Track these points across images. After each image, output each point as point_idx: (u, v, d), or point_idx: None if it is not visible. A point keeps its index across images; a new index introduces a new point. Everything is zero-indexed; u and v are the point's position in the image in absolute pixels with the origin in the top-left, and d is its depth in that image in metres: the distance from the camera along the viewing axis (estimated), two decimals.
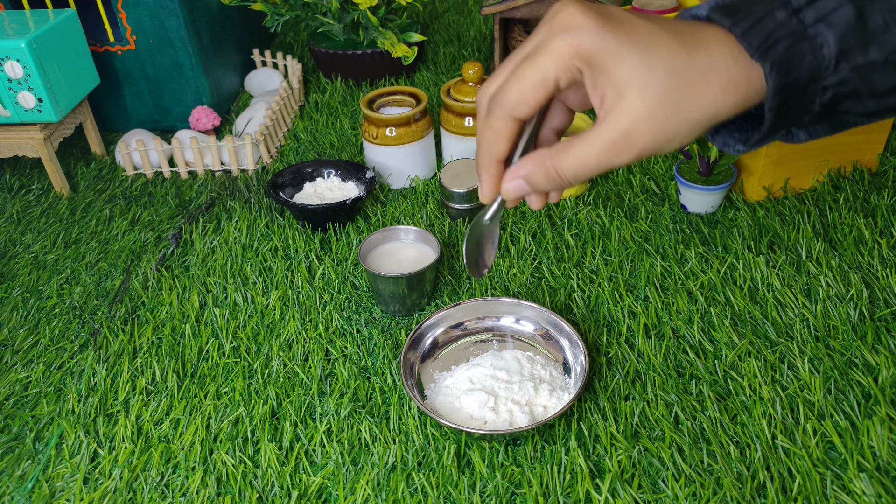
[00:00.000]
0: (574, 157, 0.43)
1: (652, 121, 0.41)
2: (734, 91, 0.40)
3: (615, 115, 0.41)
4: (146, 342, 0.67)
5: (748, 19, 0.40)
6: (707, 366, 0.61)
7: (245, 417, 0.59)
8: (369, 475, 0.54)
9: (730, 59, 0.40)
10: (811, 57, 0.39)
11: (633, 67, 0.40)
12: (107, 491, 0.54)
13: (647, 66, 0.40)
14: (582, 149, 0.42)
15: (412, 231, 0.71)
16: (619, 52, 0.40)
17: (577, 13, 0.41)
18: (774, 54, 0.39)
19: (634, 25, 0.41)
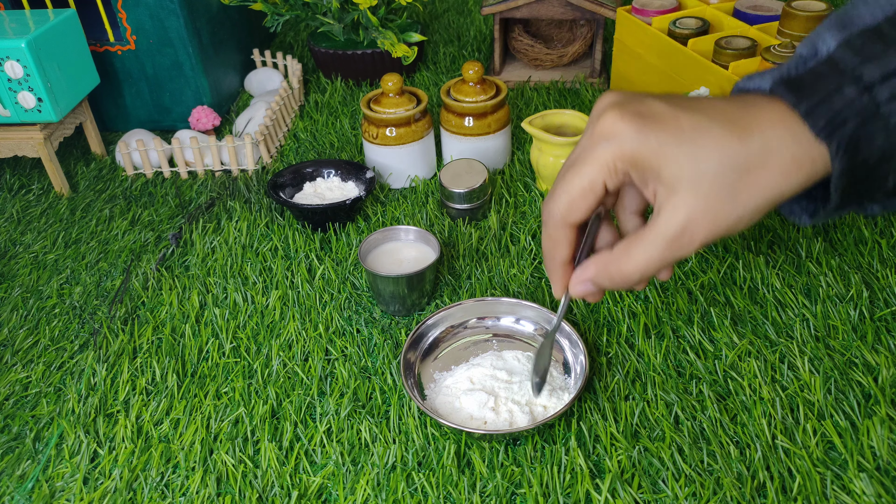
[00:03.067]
0: (638, 259, 0.43)
1: (709, 212, 0.40)
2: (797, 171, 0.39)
3: (670, 210, 0.40)
4: (146, 342, 0.67)
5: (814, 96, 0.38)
6: (707, 366, 0.61)
7: (245, 417, 0.59)
8: (369, 475, 0.54)
9: (789, 140, 0.38)
10: (883, 136, 0.37)
11: (680, 164, 0.39)
12: (107, 491, 0.54)
13: (694, 159, 0.39)
14: (644, 250, 0.42)
15: (412, 231, 0.71)
16: (664, 151, 0.40)
17: (617, 119, 0.41)
18: (842, 134, 0.37)
19: (677, 120, 0.40)
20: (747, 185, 0.39)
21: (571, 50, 1.11)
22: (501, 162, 0.90)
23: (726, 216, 0.40)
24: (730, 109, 0.40)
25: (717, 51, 0.84)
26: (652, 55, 0.94)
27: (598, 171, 0.42)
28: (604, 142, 0.42)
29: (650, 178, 0.41)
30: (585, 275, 0.47)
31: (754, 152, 0.38)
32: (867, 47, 0.37)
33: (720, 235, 0.41)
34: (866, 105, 0.37)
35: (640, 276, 0.44)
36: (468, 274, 0.73)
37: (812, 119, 0.38)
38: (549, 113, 0.84)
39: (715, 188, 0.39)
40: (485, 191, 0.80)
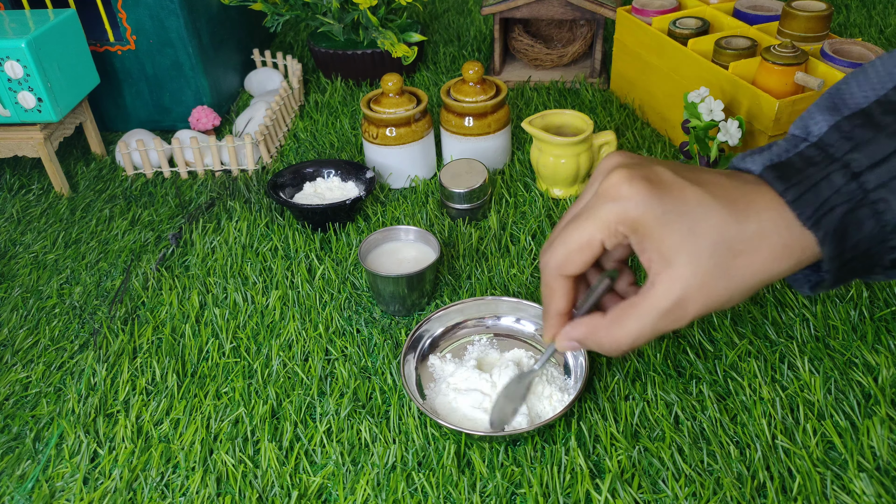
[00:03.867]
0: (630, 329, 0.43)
1: (703, 288, 0.40)
2: (787, 257, 0.39)
3: (666, 283, 0.41)
4: (146, 342, 0.67)
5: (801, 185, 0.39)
6: (707, 366, 0.61)
7: (245, 417, 0.59)
8: (369, 475, 0.54)
9: (782, 227, 0.39)
10: (872, 222, 0.37)
11: (681, 236, 0.40)
12: (107, 491, 0.54)
13: (694, 235, 0.40)
14: (637, 320, 0.43)
15: (412, 231, 0.71)
16: (667, 221, 0.40)
17: (624, 181, 0.41)
18: (829, 222, 0.38)
19: (683, 192, 0.41)
20: (740, 265, 0.40)
21: (571, 50, 1.11)
22: (501, 162, 0.90)
23: (719, 294, 0.41)
24: (730, 188, 0.41)
25: (717, 51, 0.84)
26: (652, 55, 0.94)
27: (599, 229, 0.42)
28: (609, 202, 0.42)
29: (648, 245, 0.41)
30: (574, 333, 0.48)
31: (749, 236, 0.39)
32: (856, 132, 0.38)
33: (711, 310, 0.42)
34: (854, 192, 0.37)
35: (630, 345, 0.44)
36: (468, 274, 0.73)
37: (799, 208, 0.39)
38: (549, 113, 0.84)
39: (710, 266, 0.40)
40: (485, 191, 0.80)
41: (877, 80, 0.39)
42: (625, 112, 1.01)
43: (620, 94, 1.05)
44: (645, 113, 0.99)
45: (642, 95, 0.99)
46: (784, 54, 0.75)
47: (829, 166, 0.38)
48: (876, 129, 0.37)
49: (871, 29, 1.22)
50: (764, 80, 0.77)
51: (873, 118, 0.38)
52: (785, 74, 0.76)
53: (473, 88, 0.85)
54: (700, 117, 0.76)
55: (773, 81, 0.76)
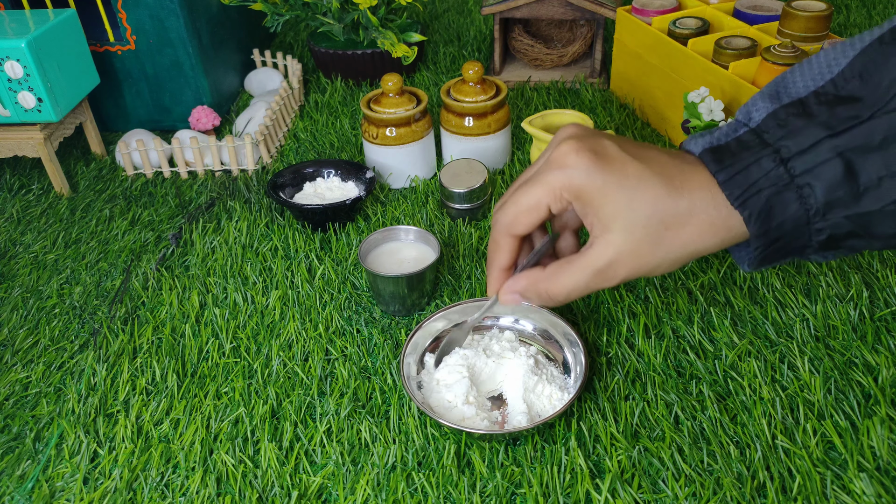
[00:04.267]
0: (565, 282, 0.48)
1: (634, 254, 0.45)
2: (713, 234, 0.43)
3: (601, 246, 0.45)
4: (146, 342, 0.67)
5: (733, 167, 0.42)
6: (707, 366, 0.61)
7: (245, 417, 0.59)
8: (369, 475, 0.54)
9: (711, 205, 0.43)
10: (797, 205, 0.40)
11: (618, 206, 0.44)
12: (107, 491, 0.54)
13: (630, 206, 0.44)
14: (572, 275, 0.48)
15: (412, 231, 0.71)
16: (606, 191, 0.44)
17: (571, 151, 0.46)
18: (755, 203, 0.41)
19: (624, 166, 0.45)
20: (670, 238, 0.44)
21: (571, 50, 1.11)
22: (501, 162, 0.90)
23: (647, 261, 0.45)
24: (670, 165, 0.44)
25: (717, 51, 0.84)
26: (652, 55, 0.94)
27: (545, 194, 0.47)
28: (556, 169, 0.46)
29: (589, 211, 0.45)
30: (515, 286, 0.52)
31: (681, 211, 0.43)
32: (791, 120, 0.41)
33: (639, 275, 0.46)
34: (781, 176, 0.40)
35: (565, 297, 0.49)
36: (468, 274, 0.73)
37: (729, 188, 0.42)
38: (550, 113, 0.84)
39: (642, 234, 0.44)
40: (485, 191, 0.80)
41: (818, 71, 0.42)
42: (625, 112, 1.01)
43: (620, 94, 1.05)
44: (645, 113, 0.99)
45: (642, 95, 0.99)
46: (784, 54, 0.75)
47: (762, 151, 0.41)
48: (808, 118, 0.40)
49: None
50: (764, 80, 0.77)
51: (808, 108, 0.40)
52: None
53: (473, 88, 0.85)
54: (700, 117, 0.76)
55: None
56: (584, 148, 0.45)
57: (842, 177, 0.39)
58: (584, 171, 0.45)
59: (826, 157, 0.39)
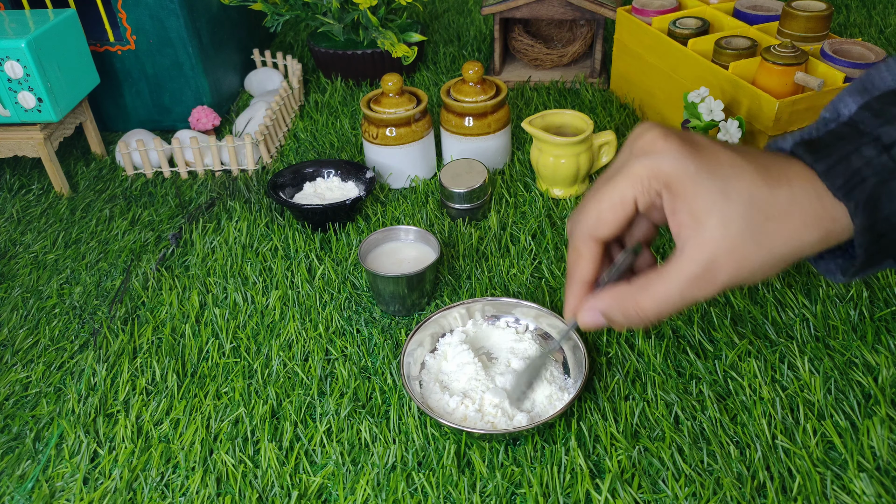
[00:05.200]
0: (656, 295, 0.42)
1: (734, 253, 0.39)
2: (817, 227, 0.39)
3: (695, 247, 0.40)
4: (146, 342, 0.67)
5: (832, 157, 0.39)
6: (707, 366, 0.61)
7: (245, 417, 0.59)
8: (369, 475, 0.54)
9: (812, 196, 0.39)
10: None
11: (713, 196, 0.39)
12: (107, 491, 0.54)
13: (726, 196, 0.39)
14: (664, 286, 0.41)
15: (412, 231, 0.71)
16: (699, 179, 0.39)
17: (658, 137, 0.41)
18: (860, 193, 0.38)
19: (716, 154, 0.40)
20: (772, 231, 0.39)
21: (571, 50, 1.11)
22: (501, 162, 0.90)
23: (750, 260, 0.40)
24: (762, 157, 0.40)
25: (717, 51, 0.84)
26: (652, 55, 0.94)
27: (631, 185, 0.42)
28: (642, 157, 0.41)
29: (680, 205, 0.40)
30: (599, 304, 0.46)
31: (781, 201, 0.39)
32: (886, 109, 0.38)
33: (741, 280, 0.40)
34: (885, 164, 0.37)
35: (657, 314, 0.43)
36: (468, 274, 0.73)
37: (830, 179, 0.38)
38: (550, 113, 0.84)
39: (742, 228, 0.39)
40: (485, 191, 0.80)
41: None
42: (625, 112, 1.01)
43: (620, 94, 1.05)
44: (645, 113, 0.99)
45: (642, 95, 0.99)
46: (784, 54, 0.75)
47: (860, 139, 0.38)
48: None
49: (871, 29, 1.22)
50: (764, 80, 0.77)
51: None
52: (785, 74, 0.76)
53: (473, 88, 0.85)
54: (700, 117, 0.76)
55: (774, 81, 0.76)
56: (672, 135, 0.41)
57: None
58: (675, 157, 0.40)
59: None
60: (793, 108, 0.74)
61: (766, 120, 0.75)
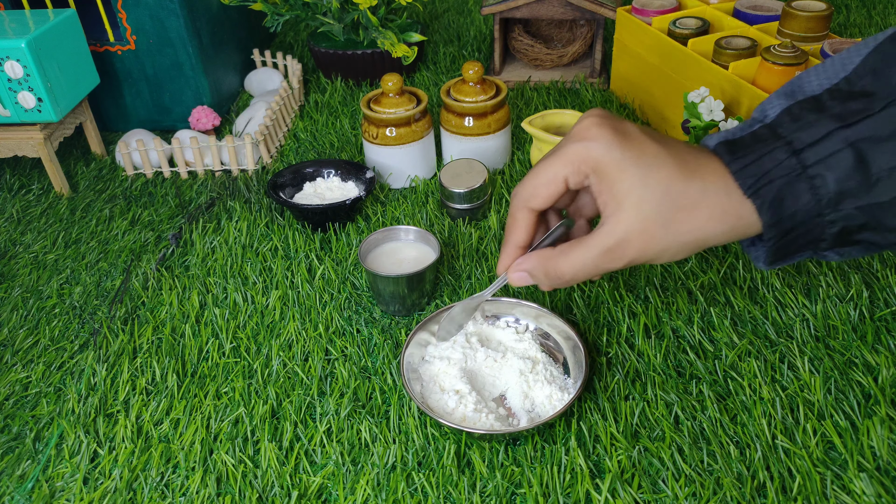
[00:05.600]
0: (572, 261, 0.48)
1: (643, 234, 0.44)
2: (722, 221, 0.43)
3: (612, 224, 0.45)
4: (146, 342, 0.67)
5: (746, 157, 0.42)
6: (707, 366, 0.61)
7: (245, 417, 0.59)
8: (369, 475, 0.54)
9: (722, 192, 0.43)
10: (809, 195, 0.41)
11: (633, 182, 0.44)
12: (107, 491, 0.54)
13: (644, 183, 0.44)
14: (580, 253, 0.47)
15: (412, 231, 0.71)
16: (623, 165, 0.44)
17: (593, 125, 0.46)
18: (767, 192, 0.41)
19: (643, 144, 0.45)
20: (680, 219, 0.44)
21: (571, 50, 1.11)
22: (501, 162, 0.90)
23: (657, 242, 0.44)
24: (686, 153, 0.45)
25: (717, 51, 0.84)
26: (652, 55, 0.94)
27: (564, 166, 0.47)
28: (577, 142, 0.46)
29: (604, 187, 0.45)
30: (524, 265, 0.52)
31: (692, 193, 0.43)
32: (804, 115, 0.41)
33: (648, 258, 0.46)
34: (793, 167, 0.41)
35: (572, 276, 0.49)
36: (468, 274, 0.73)
37: (741, 178, 0.42)
38: (549, 113, 0.84)
39: (653, 213, 0.44)
40: (485, 191, 0.80)
41: (832, 71, 0.42)
42: (625, 112, 1.01)
43: (620, 95, 1.05)
44: (645, 113, 0.99)
45: (642, 95, 0.99)
46: (784, 54, 0.75)
47: (774, 143, 0.42)
48: (820, 112, 0.41)
49: (871, 29, 1.22)
50: (764, 80, 0.77)
51: (821, 103, 0.41)
52: (785, 74, 0.76)
53: (473, 88, 0.85)
54: (700, 117, 0.76)
55: (774, 81, 0.76)
56: (607, 124, 0.46)
57: (853, 167, 0.39)
58: (604, 144, 0.45)
59: (837, 148, 0.39)
60: None
61: None
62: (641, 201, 0.44)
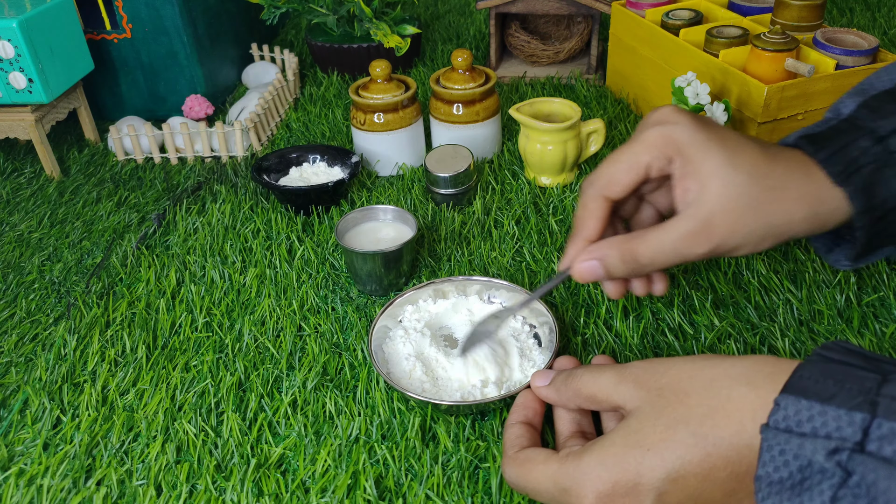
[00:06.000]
0: (650, 244, 0.45)
1: (730, 215, 0.43)
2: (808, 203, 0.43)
3: (695, 206, 0.43)
4: (120, 315, 0.67)
5: (830, 147, 0.42)
6: (685, 346, 0.59)
7: (211, 389, 0.58)
8: (331, 446, 0.52)
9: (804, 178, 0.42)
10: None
11: (719, 162, 0.43)
12: (66, 456, 0.53)
13: (731, 163, 0.42)
14: (660, 235, 0.45)
15: (390, 210, 0.71)
16: (708, 147, 0.43)
17: (673, 111, 0.46)
18: (857, 179, 0.41)
19: (723, 130, 0.44)
20: (768, 200, 0.42)
21: (568, 46, 1.11)
22: (490, 151, 0.89)
23: (744, 225, 0.43)
24: (764, 142, 0.44)
25: (708, 40, 0.83)
26: (645, 47, 0.93)
27: (647, 151, 0.45)
28: (658, 126, 0.45)
29: (690, 169, 0.43)
30: (597, 251, 0.48)
31: (779, 175, 0.42)
32: (882, 107, 0.42)
33: (732, 245, 0.43)
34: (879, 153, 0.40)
35: (649, 261, 0.45)
36: (448, 256, 0.72)
37: (829, 166, 0.42)
38: (538, 101, 0.84)
39: (742, 195, 0.42)
40: (470, 176, 0.79)
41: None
42: (619, 106, 1.00)
43: (616, 90, 1.04)
44: (639, 107, 0.98)
45: (636, 90, 0.98)
46: (774, 40, 0.74)
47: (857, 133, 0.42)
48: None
49: (874, 31, 1.21)
50: (754, 67, 0.76)
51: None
52: (775, 61, 0.75)
53: (462, 76, 0.85)
54: (686, 101, 0.75)
55: (764, 68, 0.75)
56: (685, 111, 0.45)
57: None
58: (689, 128, 0.44)
59: None
60: (782, 95, 0.73)
61: (756, 106, 0.74)
62: (728, 183, 0.42)
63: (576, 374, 0.45)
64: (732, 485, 0.34)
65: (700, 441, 0.35)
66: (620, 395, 0.40)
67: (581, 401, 0.44)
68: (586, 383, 0.43)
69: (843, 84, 0.74)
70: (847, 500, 0.29)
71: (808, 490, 0.30)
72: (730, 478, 0.34)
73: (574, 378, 0.45)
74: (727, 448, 0.34)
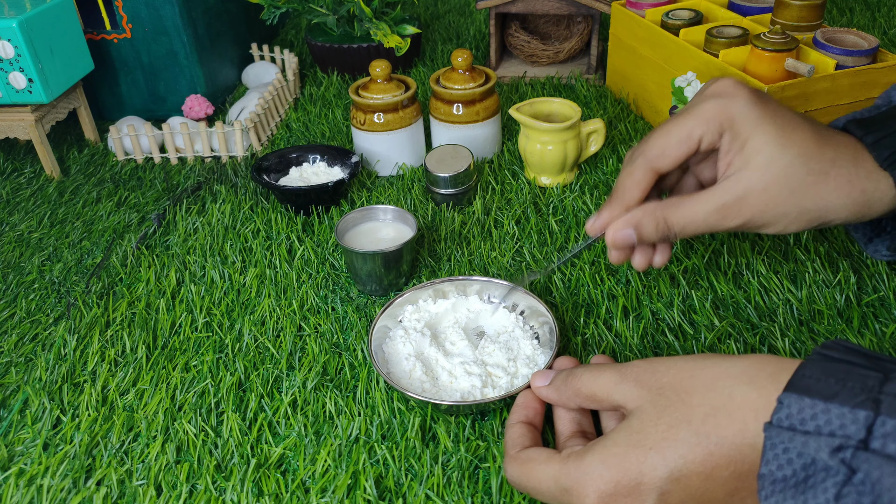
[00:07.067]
0: (684, 212, 0.46)
1: (765, 194, 0.43)
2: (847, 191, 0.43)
3: (733, 180, 0.44)
4: (120, 315, 0.67)
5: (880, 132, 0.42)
6: (685, 346, 0.59)
7: (211, 389, 0.58)
8: (331, 446, 0.52)
9: (850, 163, 0.42)
10: None
11: (766, 140, 0.43)
12: (66, 456, 0.53)
13: (780, 143, 0.43)
14: (693, 205, 0.45)
15: (390, 210, 0.71)
16: (760, 123, 0.43)
17: (732, 84, 0.45)
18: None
19: (780, 107, 0.44)
20: (809, 184, 0.42)
21: (568, 46, 1.11)
22: (490, 151, 0.89)
23: (778, 205, 0.43)
24: (818, 123, 0.44)
25: (708, 40, 0.83)
26: (645, 47, 0.93)
27: (700, 124, 0.45)
28: (714, 98, 0.45)
29: (737, 144, 0.43)
30: (632, 217, 0.48)
31: (824, 161, 0.42)
32: None
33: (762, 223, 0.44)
34: None
35: (681, 229, 0.46)
36: (448, 256, 0.72)
37: (877, 150, 0.42)
38: (538, 100, 0.84)
39: (782, 175, 0.42)
40: (469, 176, 0.79)
41: None
42: (619, 106, 1.00)
43: (616, 90, 1.04)
44: (639, 107, 0.98)
45: (636, 90, 0.98)
46: (774, 40, 0.74)
47: None
48: None
49: (874, 31, 1.21)
50: (754, 66, 0.76)
51: None
52: (775, 61, 0.75)
53: (462, 76, 0.85)
54: (686, 101, 0.75)
55: (764, 68, 0.75)
56: (744, 85, 0.45)
57: None
58: (745, 102, 0.43)
59: None
60: (782, 95, 0.73)
61: None
62: (772, 160, 0.42)
63: (576, 374, 0.45)
64: (735, 484, 0.35)
65: (702, 440, 0.35)
66: (621, 395, 0.40)
67: (581, 400, 0.44)
68: (586, 382, 0.43)
69: (843, 84, 0.74)
70: (851, 498, 0.29)
71: (811, 488, 0.30)
72: (732, 477, 0.34)
73: (574, 377, 0.45)
74: (729, 447, 0.34)
